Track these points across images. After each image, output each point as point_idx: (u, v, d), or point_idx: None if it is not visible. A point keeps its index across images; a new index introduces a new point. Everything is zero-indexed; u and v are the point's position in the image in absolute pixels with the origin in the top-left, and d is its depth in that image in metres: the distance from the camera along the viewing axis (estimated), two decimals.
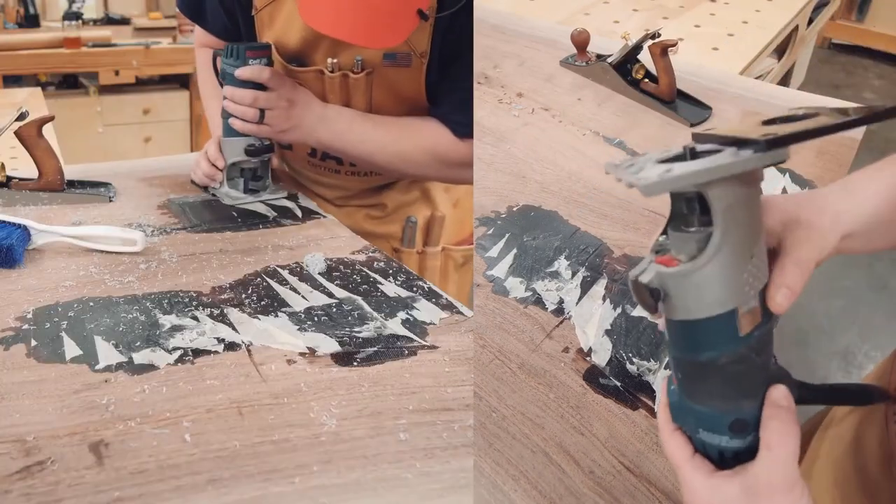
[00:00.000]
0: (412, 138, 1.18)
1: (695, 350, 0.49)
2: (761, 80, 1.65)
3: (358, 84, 1.16)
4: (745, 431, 0.50)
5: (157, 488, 0.63)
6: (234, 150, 1.18)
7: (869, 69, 4.28)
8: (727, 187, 0.44)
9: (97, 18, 3.29)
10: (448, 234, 1.43)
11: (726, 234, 0.45)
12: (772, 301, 0.49)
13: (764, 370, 0.51)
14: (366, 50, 1.13)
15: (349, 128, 1.16)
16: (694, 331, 0.49)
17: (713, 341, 0.49)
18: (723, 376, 0.50)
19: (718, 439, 0.51)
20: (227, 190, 1.21)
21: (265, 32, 1.19)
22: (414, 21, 0.99)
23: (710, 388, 0.50)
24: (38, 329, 0.83)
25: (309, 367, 0.80)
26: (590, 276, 0.94)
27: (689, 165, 0.45)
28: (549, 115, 1.31)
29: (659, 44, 1.26)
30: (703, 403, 0.51)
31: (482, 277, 0.95)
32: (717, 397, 0.50)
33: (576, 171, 1.15)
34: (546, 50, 1.51)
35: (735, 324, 0.48)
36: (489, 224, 1.04)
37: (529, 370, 0.81)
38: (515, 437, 0.74)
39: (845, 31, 4.36)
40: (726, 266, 0.46)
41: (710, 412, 0.51)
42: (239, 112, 1.11)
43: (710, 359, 0.49)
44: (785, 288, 0.49)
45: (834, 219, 0.53)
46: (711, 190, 0.44)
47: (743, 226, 0.46)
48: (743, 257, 0.46)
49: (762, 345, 0.50)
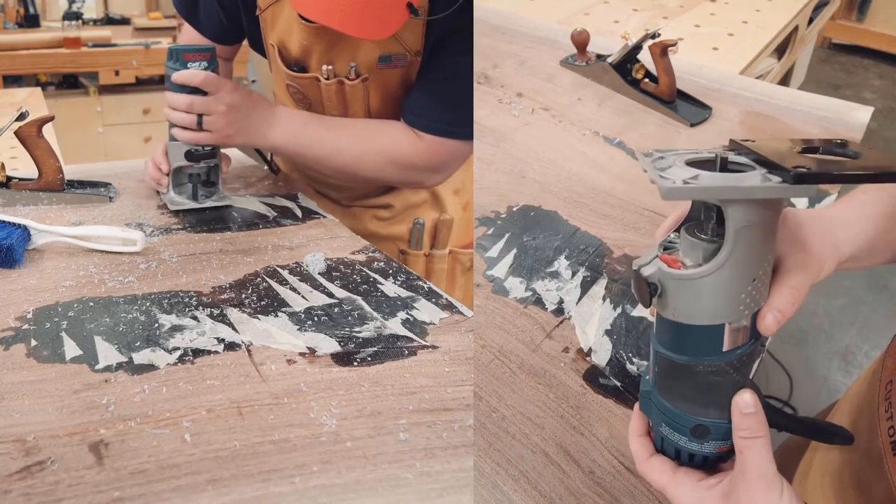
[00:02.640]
0: (369, 141, 1.16)
1: (676, 351, 0.50)
2: (761, 80, 1.64)
3: (354, 91, 1.16)
4: (704, 438, 0.51)
5: (157, 488, 0.63)
6: (177, 154, 1.14)
7: (869, 69, 4.28)
8: (747, 209, 0.44)
9: (97, 18, 3.30)
10: (456, 236, 1.41)
11: (735, 252, 0.45)
12: (762, 321, 0.49)
13: (738, 387, 0.51)
14: (359, 54, 1.12)
15: (303, 130, 1.14)
16: (680, 333, 0.49)
17: (695, 349, 0.49)
18: (696, 382, 0.50)
19: (678, 438, 0.52)
20: (171, 195, 1.17)
21: (269, 34, 1.18)
22: (404, 14, 0.98)
23: (682, 390, 0.51)
24: (38, 329, 0.83)
25: (309, 367, 0.80)
26: (590, 276, 0.94)
27: (715, 179, 0.44)
28: (549, 115, 1.31)
29: (659, 44, 1.26)
30: (672, 402, 0.52)
31: (482, 277, 0.95)
32: (686, 400, 0.51)
33: (576, 171, 1.15)
34: (546, 50, 1.51)
35: (721, 338, 0.48)
36: (489, 224, 1.04)
37: (529, 370, 0.81)
38: (515, 437, 0.74)
39: (845, 31, 4.36)
40: (727, 283, 0.46)
41: (676, 412, 0.51)
42: (176, 119, 1.08)
43: (688, 364, 0.49)
44: (777, 311, 0.49)
45: (834, 247, 0.54)
46: (731, 208, 0.44)
47: (753, 248, 0.45)
48: (745, 279, 0.46)
49: (742, 363, 0.50)
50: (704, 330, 0.48)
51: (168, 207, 1.16)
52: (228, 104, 1.08)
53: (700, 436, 0.51)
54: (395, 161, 1.17)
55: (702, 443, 0.51)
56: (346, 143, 1.16)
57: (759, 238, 0.45)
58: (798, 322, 2.40)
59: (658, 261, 0.49)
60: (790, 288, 0.49)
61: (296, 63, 1.17)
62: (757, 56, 1.67)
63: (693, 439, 0.52)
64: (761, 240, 0.46)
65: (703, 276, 0.46)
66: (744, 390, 0.50)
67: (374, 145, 1.17)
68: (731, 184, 0.43)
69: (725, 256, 0.45)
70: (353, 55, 1.12)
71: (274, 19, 1.16)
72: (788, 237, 0.52)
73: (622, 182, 1.12)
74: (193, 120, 1.08)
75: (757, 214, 0.44)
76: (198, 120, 1.08)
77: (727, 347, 0.48)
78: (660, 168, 0.46)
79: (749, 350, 0.50)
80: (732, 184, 0.43)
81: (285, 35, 1.15)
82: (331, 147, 1.15)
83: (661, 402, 0.53)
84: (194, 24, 1.26)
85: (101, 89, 3.01)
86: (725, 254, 0.45)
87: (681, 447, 0.52)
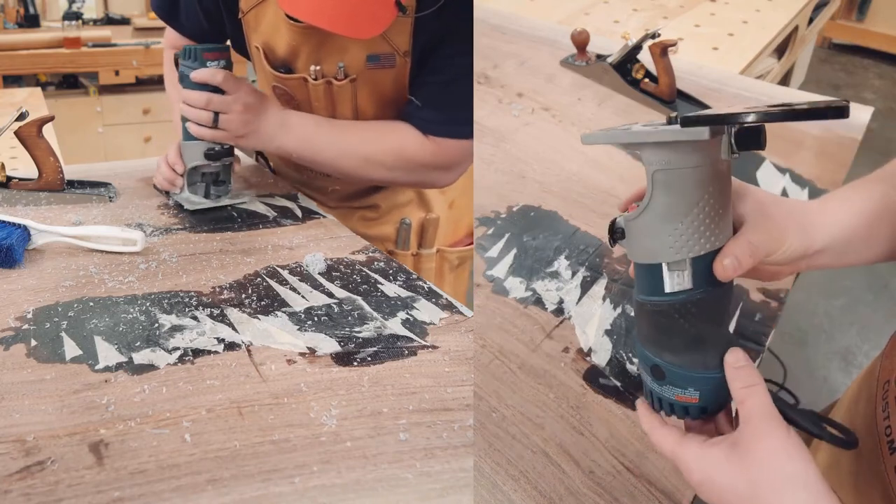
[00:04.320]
0: (378, 141, 1.16)
1: (636, 290, 0.55)
2: (761, 80, 1.64)
3: (342, 91, 1.15)
4: (662, 380, 0.55)
5: (157, 488, 0.63)
6: (194, 154, 1.14)
7: (869, 69, 4.28)
8: (655, 152, 0.49)
9: (97, 18, 3.30)
10: (443, 235, 1.41)
11: (654, 193, 0.50)
12: (718, 264, 0.52)
13: (687, 334, 0.53)
14: (347, 55, 1.12)
15: (313, 133, 1.14)
16: (637, 273, 0.55)
17: (643, 286, 0.54)
18: (649, 322, 0.54)
19: (647, 378, 0.56)
20: (187, 195, 1.17)
21: (252, 36, 1.17)
22: (392, 12, 0.97)
23: (642, 329, 0.56)
24: (38, 329, 0.83)
25: (309, 367, 0.80)
26: (590, 276, 0.94)
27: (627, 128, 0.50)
28: (549, 115, 1.31)
29: (659, 44, 1.26)
30: (640, 342, 0.56)
31: (482, 277, 0.95)
32: (644, 339, 0.56)
33: (576, 171, 1.15)
34: (546, 50, 1.51)
35: (661, 278, 0.52)
36: (489, 224, 1.04)
37: (529, 370, 0.81)
38: (515, 437, 0.74)
39: (845, 31, 4.36)
40: (652, 222, 0.51)
41: (642, 351, 0.56)
42: (193, 115, 1.08)
43: (642, 301, 0.54)
44: (733, 257, 0.51)
45: (800, 228, 0.56)
46: (643, 153, 0.50)
47: (672, 190, 0.50)
48: (670, 219, 0.50)
49: (689, 311, 0.53)
50: (647, 269, 0.53)
51: (183, 207, 1.16)
52: (245, 104, 1.08)
53: (658, 377, 0.55)
54: (405, 162, 1.16)
55: (661, 385, 0.55)
56: (356, 146, 1.15)
57: (677, 181, 0.50)
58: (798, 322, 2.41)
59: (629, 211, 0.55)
60: (749, 241, 0.52)
61: (282, 64, 1.17)
62: (757, 56, 1.67)
63: (655, 380, 0.55)
64: (680, 183, 0.50)
65: (637, 217, 0.52)
66: (733, 349, 0.53)
67: (383, 146, 1.16)
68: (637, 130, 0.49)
69: (648, 197, 0.51)
70: (342, 56, 1.12)
71: (257, 21, 1.15)
72: (757, 208, 0.55)
73: (622, 182, 1.12)
74: (210, 117, 1.08)
75: (667, 157, 0.49)
76: (214, 118, 1.08)
77: (668, 289, 0.52)
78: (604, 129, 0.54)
79: (695, 298, 0.52)
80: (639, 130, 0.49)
81: (270, 37, 1.15)
82: (340, 150, 1.15)
83: (636, 343, 0.57)
84: (175, 26, 1.26)
85: (101, 89, 3.00)
86: (647, 195, 0.51)
87: (651, 389, 0.56)
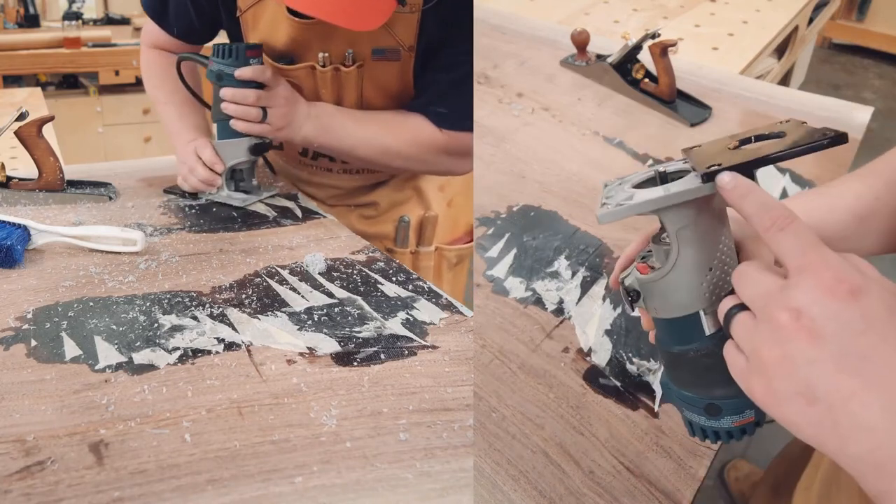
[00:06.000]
0: (395, 130, 1.17)
1: (668, 343, 0.55)
2: (761, 80, 1.64)
3: (349, 77, 1.16)
4: (718, 415, 0.55)
5: (157, 488, 0.63)
6: (236, 151, 1.17)
7: (869, 69, 4.28)
8: (677, 213, 0.50)
9: (97, 18, 3.29)
10: (441, 233, 1.42)
11: (682, 250, 0.51)
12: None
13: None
14: (355, 43, 1.13)
15: (332, 123, 1.16)
16: (666, 328, 0.55)
17: (681, 338, 0.54)
18: (693, 367, 0.54)
19: (698, 419, 0.56)
20: (227, 193, 1.20)
21: (250, 34, 1.19)
22: (391, 4, 0.99)
23: (684, 377, 0.56)
24: (38, 329, 0.83)
25: (309, 367, 0.80)
26: (590, 276, 0.94)
27: (643, 195, 0.51)
28: (549, 115, 1.31)
29: (659, 44, 1.26)
30: (682, 388, 0.56)
31: (482, 277, 0.95)
32: (691, 384, 0.55)
33: (576, 171, 1.15)
34: (546, 50, 1.52)
35: (700, 324, 0.52)
36: (489, 224, 1.04)
37: (529, 370, 0.81)
38: (515, 437, 0.74)
39: (845, 31, 4.36)
40: (684, 277, 0.51)
41: (688, 395, 0.56)
42: (241, 112, 1.10)
43: (681, 352, 0.54)
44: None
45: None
46: (663, 216, 0.50)
47: (697, 243, 0.50)
48: (700, 270, 0.51)
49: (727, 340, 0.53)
50: (683, 321, 0.53)
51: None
52: (286, 97, 1.11)
53: (714, 414, 0.55)
54: (424, 148, 1.18)
55: (718, 419, 0.55)
56: (374, 133, 1.17)
57: (701, 233, 0.50)
58: None
59: (635, 270, 0.55)
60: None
61: (282, 57, 1.18)
62: (757, 56, 1.67)
63: (710, 418, 0.55)
64: (703, 234, 0.50)
65: (665, 276, 0.52)
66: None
67: (399, 134, 1.17)
68: (651, 197, 0.49)
69: (675, 255, 0.51)
70: (349, 43, 1.14)
71: (255, 20, 1.16)
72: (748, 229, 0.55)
73: None
74: (259, 113, 1.10)
75: (688, 215, 0.50)
76: (263, 113, 1.11)
77: (709, 331, 0.52)
78: (606, 196, 0.54)
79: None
80: (652, 197, 0.49)
81: (268, 34, 1.16)
82: (359, 138, 1.17)
83: (675, 390, 0.57)
84: (163, 25, 1.26)
85: (101, 89, 3.00)
86: (675, 253, 0.51)
87: (704, 427, 0.56)
